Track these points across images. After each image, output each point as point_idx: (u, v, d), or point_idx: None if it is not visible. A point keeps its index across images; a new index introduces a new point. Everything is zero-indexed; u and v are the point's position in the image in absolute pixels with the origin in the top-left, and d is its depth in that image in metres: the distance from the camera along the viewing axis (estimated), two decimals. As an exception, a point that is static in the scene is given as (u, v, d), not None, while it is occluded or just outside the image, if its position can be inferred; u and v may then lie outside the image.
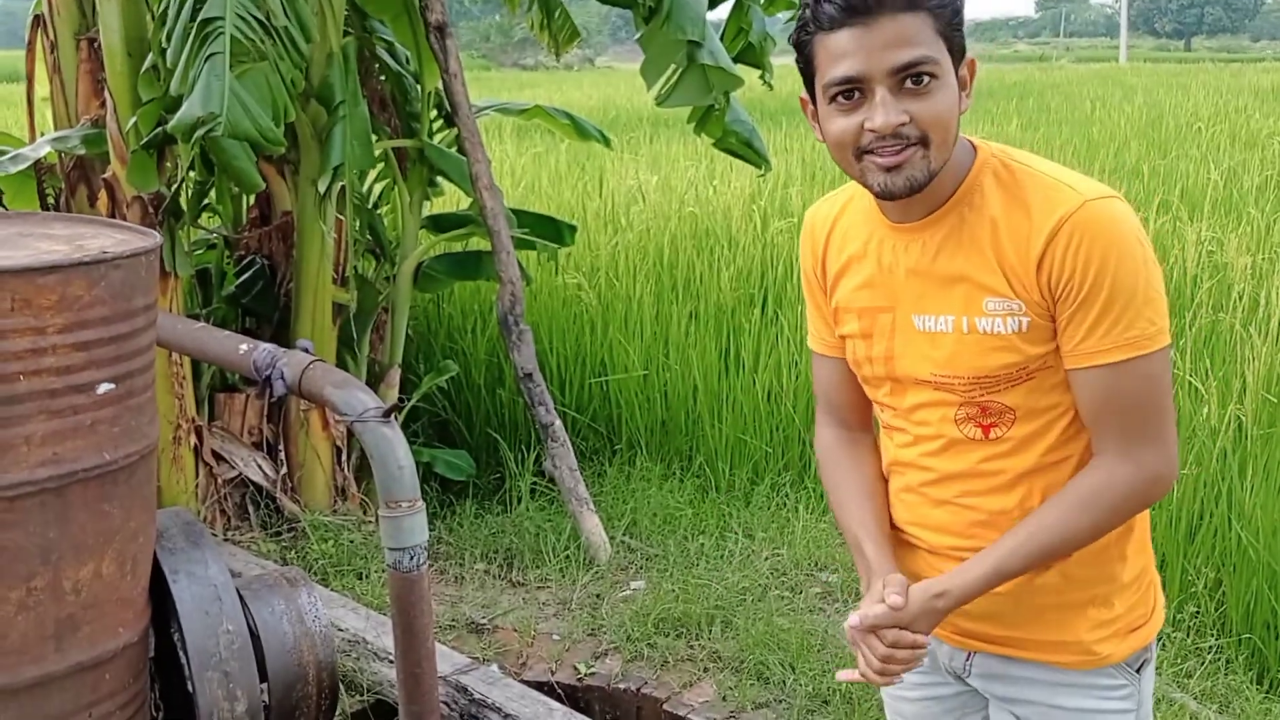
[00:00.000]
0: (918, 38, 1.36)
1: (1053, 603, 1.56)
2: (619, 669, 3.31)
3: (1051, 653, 1.57)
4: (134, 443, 2.06)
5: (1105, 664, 1.57)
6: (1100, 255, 1.40)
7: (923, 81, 1.38)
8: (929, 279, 1.51)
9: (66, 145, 3.81)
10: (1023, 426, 1.51)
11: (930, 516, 1.61)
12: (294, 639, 2.38)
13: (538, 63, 44.25)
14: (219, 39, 2.93)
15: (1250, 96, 16.41)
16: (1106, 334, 1.42)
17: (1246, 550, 3.38)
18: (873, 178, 1.43)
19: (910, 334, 1.54)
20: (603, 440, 4.87)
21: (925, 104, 1.38)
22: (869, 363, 1.61)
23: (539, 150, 9.81)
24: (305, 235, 4.06)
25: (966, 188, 1.48)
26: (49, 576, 1.96)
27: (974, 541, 1.57)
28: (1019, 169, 1.49)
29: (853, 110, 1.41)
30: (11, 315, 1.84)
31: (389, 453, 2.38)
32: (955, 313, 1.49)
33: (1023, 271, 1.44)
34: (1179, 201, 6.86)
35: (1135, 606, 1.59)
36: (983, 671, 1.64)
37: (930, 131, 1.39)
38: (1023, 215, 1.44)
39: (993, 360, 1.47)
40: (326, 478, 4.23)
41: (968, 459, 1.55)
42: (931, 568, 1.63)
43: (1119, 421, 1.45)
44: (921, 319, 1.52)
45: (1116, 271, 1.40)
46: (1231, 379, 4.09)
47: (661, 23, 3.94)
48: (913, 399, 1.57)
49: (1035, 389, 1.49)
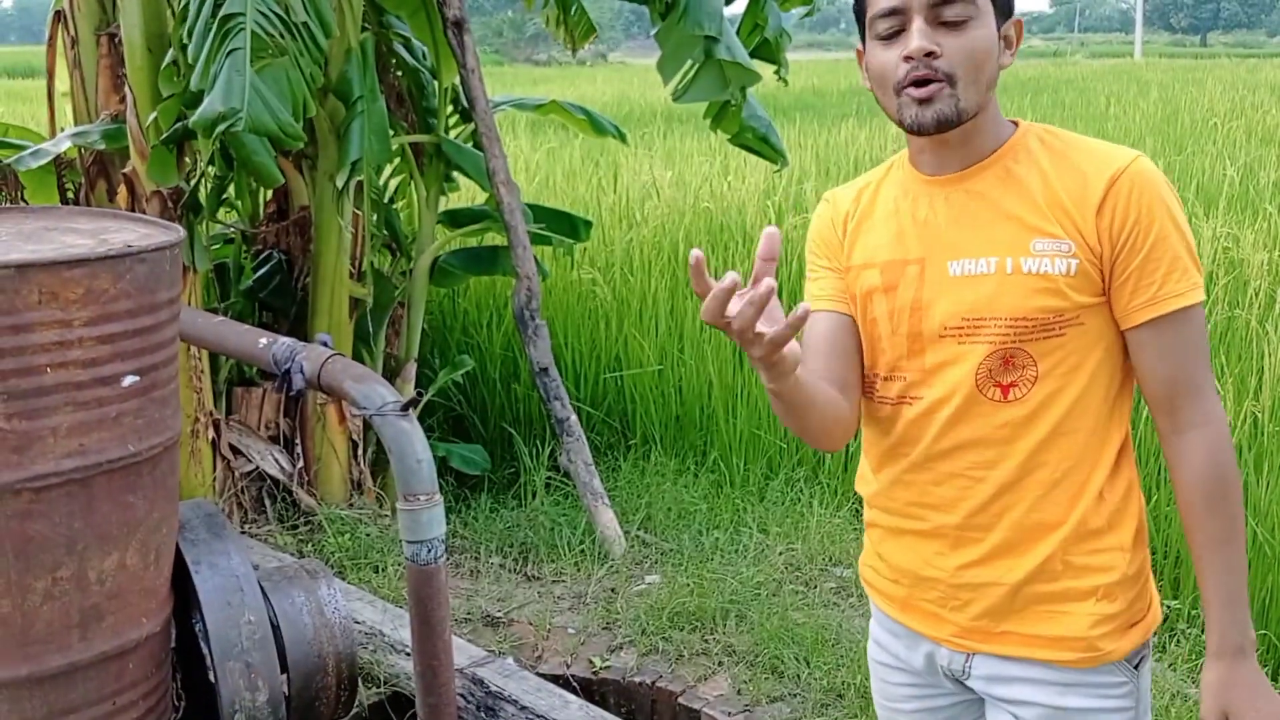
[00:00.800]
0: None
1: (1057, 591, 1.55)
2: (634, 662, 3.33)
3: (1053, 649, 1.56)
4: (158, 434, 2.08)
5: (1107, 660, 1.56)
6: (1160, 205, 1.47)
7: (958, 19, 1.46)
8: (969, 225, 1.54)
9: (87, 140, 3.84)
10: (1042, 387, 1.52)
11: (934, 494, 1.60)
12: (314, 630, 2.40)
13: (550, 58, 44.25)
14: (240, 35, 2.95)
15: (1267, 92, 16.32)
16: (1176, 280, 1.47)
17: (1262, 546, 3.38)
18: (907, 111, 1.50)
19: (943, 281, 1.55)
20: (617, 435, 4.89)
21: (957, 40, 1.46)
22: (889, 318, 1.59)
23: (553, 145, 9.83)
24: (322, 230, 4.08)
25: (1010, 145, 1.55)
26: (74, 567, 1.98)
27: (978, 517, 1.56)
28: (1064, 134, 1.57)
29: (893, 44, 1.49)
30: (39, 308, 1.87)
31: (407, 446, 2.40)
32: (1000, 254, 1.51)
33: (1079, 216, 1.49)
34: (1194, 198, 6.84)
35: (1135, 601, 1.59)
36: (983, 673, 1.62)
37: (958, 68, 1.46)
38: (1075, 168, 1.51)
39: (1034, 302, 1.49)
40: (343, 471, 4.25)
41: (985, 423, 1.54)
42: (927, 562, 1.61)
43: (1188, 378, 1.50)
44: (959, 264, 1.54)
45: (1176, 222, 1.48)
46: (1248, 375, 4.09)
47: (679, 18, 3.95)
48: (933, 357, 1.56)
49: (1062, 346, 1.51)
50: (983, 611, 1.59)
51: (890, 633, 1.73)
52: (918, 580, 1.64)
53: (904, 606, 1.68)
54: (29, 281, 1.86)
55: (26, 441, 1.90)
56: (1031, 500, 1.55)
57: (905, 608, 1.68)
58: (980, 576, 1.58)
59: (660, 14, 4.05)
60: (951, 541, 1.60)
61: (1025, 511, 1.55)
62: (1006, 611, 1.58)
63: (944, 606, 1.62)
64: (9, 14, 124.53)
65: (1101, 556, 1.56)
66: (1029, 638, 1.58)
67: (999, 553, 1.57)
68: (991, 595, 1.58)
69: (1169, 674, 3.17)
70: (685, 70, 4.13)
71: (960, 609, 1.61)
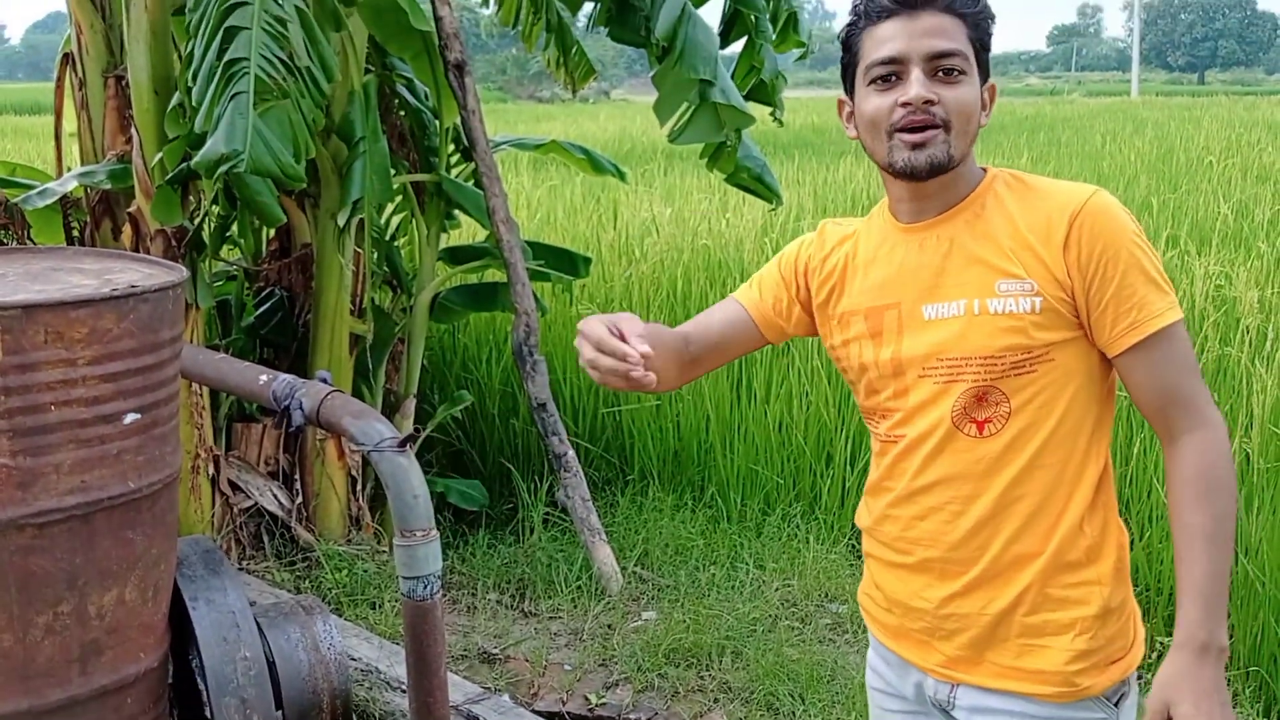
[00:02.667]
0: (954, 34, 1.55)
1: (1036, 624, 1.59)
2: (630, 699, 3.34)
3: (1031, 682, 1.60)
4: (157, 471, 2.12)
5: (1085, 695, 1.59)
6: (1123, 233, 1.53)
7: (953, 73, 1.55)
8: (942, 270, 1.61)
9: (93, 180, 3.90)
10: (1016, 422, 1.57)
11: (918, 527, 1.66)
12: (309, 666, 2.42)
13: (553, 95, 44.59)
14: (244, 79, 3.01)
15: (1264, 130, 16.42)
16: (1153, 302, 1.52)
17: (1254, 584, 3.39)
18: (898, 154, 1.57)
19: (918, 324, 1.62)
20: (615, 470, 4.91)
21: (953, 92, 1.55)
22: (875, 365, 1.66)
23: (555, 183, 9.91)
24: (324, 267, 4.13)
25: (979, 191, 1.62)
26: (75, 602, 2.01)
27: (960, 550, 1.61)
28: (1028, 178, 1.64)
29: (888, 90, 1.56)
30: (44, 348, 1.91)
31: (404, 482, 2.43)
32: (968, 296, 1.58)
33: (1047, 255, 1.54)
34: (1187, 235, 6.90)
35: (1116, 638, 1.61)
36: (966, 704, 1.66)
37: (953, 117, 1.55)
38: (1039, 209, 1.57)
39: (1001, 340, 1.55)
40: (341, 507, 4.28)
41: (962, 458, 1.60)
42: (916, 593, 1.67)
43: (1179, 392, 1.54)
44: (932, 307, 1.61)
45: (1141, 247, 1.54)
46: (1239, 413, 4.12)
47: (674, 62, 4.02)
48: (915, 397, 1.63)
49: (1034, 383, 1.56)
50: (967, 642, 1.63)
51: (884, 660, 1.78)
52: (908, 610, 1.70)
53: (896, 635, 1.73)
54: (35, 321, 1.90)
55: (30, 478, 1.94)
56: (1010, 532, 1.59)
57: (897, 636, 1.73)
58: (964, 607, 1.63)
59: (657, 57, 4.12)
60: (937, 574, 1.65)
61: (1004, 544, 1.60)
62: (988, 642, 1.62)
63: (932, 636, 1.67)
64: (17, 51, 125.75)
65: (1080, 590, 1.59)
66: (1008, 669, 1.61)
67: (980, 584, 1.62)
68: (975, 626, 1.62)
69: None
70: (681, 112, 4.20)
71: (946, 639, 1.65)
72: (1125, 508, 3.94)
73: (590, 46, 5.11)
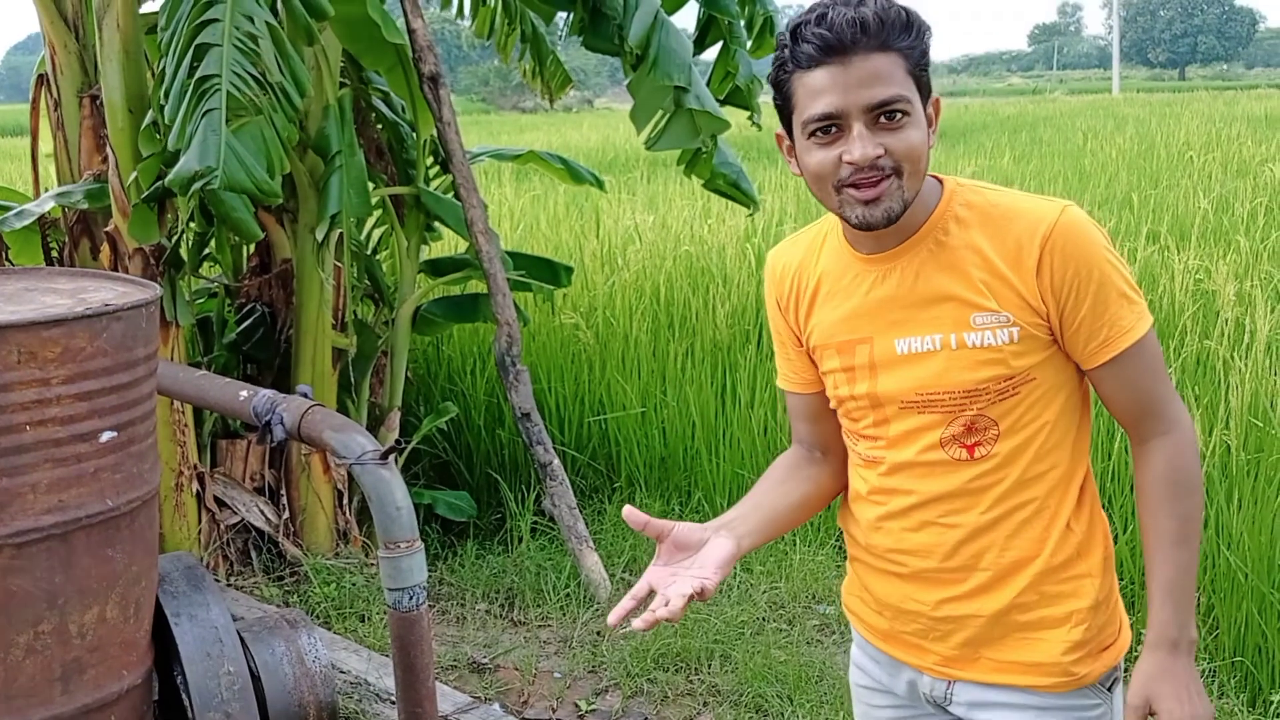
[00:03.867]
0: (891, 77, 1.44)
1: (1032, 620, 1.61)
2: (620, 705, 3.35)
3: (1031, 675, 1.61)
4: (135, 489, 2.12)
5: (1082, 684, 1.61)
6: (1094, 251, 1.51)
7: (895, 117, 1.45)
8: (910, 303, 1.57)
9: (70, 200, 3.89)
10: (1006, 442, 1.57)
11: (911, 540, 1.64)
12: (294, 680, 2.43)
13: (536, 105, 44.62)
14: (215, 95, 3.01)
15: (1243, 124, 16.53)
16: (1124, 317, 1.52)
17: (1236, 575, 3.41)
18: (850, 210, 1.50)
19: (892, 359, 1.59)
20: (602, 478, 4.92)
21: (898, 138, 1.45)
22: (852, 399, 1.65)
23: (537, 192, 9.93)
24: (304, 282, 4.14)
25: (938, 216, 1.56)
26: (55, 621, 2.01)
27: (955, 560, 1.61)
28: (990, 194, 1.58)
29: (830, 144, 1.48)
30: (17, 368, 1.91)
31: (387, 494, 2.44)
32: (944, 330, 1.54)
33: (1019, 283, 1.51)
34: (1168, 231, 6.94)
35: (1105, 626, 1.63)
36: (965, 699, 1.67)
37: (904, 163, 1.47)
38: (1007, 234, 1.53)
39: (983, 373, 1.54)
40: (328, 521, 4.28)
41: (953, 480, 1.59)
42: (909, 597, 1.66)
43: (1150, 398, 1.56)
44: (904, 341, 1.57)
45: (1111, 262, 1.53)
46: (1218, 404, 4.14)
47: (648, 69, 4.04)
48: (898, 427, 1.61)
49: (1019, 404, 1.56)
50: (964, 641, 1.64)
51: (872, 659, 1.77)
52: (900, 614, 1.69)
53: (886, 637, 1.73)
54: (8, 342, 1.91)
55: (6, 499, 1.94)
56: (1004, 541, 1.60)
57: (888, 638, 1.73)
58: (960, 610, 1.63)
59: (632, 65, 4.14)
60: (932, 582, 1.65)
61: (999, 552, 1.60)
62: (986, 640, 1.63)
63: (925, 638, 1.67)
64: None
65: (1073, 584, 1.61)
66: (1007, 664, 1.63)
67: (978, 591, 1.62)
68: (971, 626, 1.63)
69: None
70: (657, 119, 4.22)
71: (941, 639, 1.66)
72: (1108, 503, 3.96)
73: (572, 56, 5.15)
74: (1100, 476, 3.98)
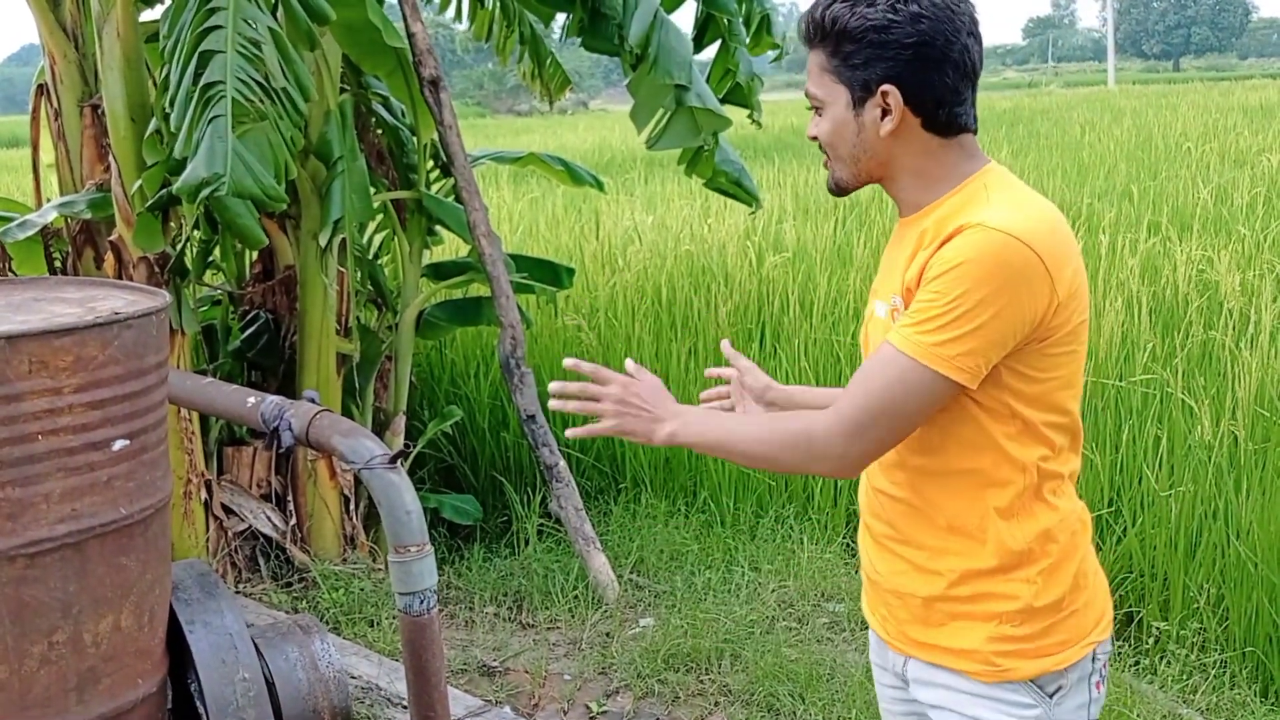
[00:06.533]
0: (811, 74, 1.65)
1: (961, 612, 1.64)
2: (630, 706, 3.34)
3: (958, 660, 1.65)
4: (148, 497, 2.12)
5: (1007, 678, 1.61)
6: (962, 270, 1.48)
7: (815, 109, 1.66)
8: (886, 270, 1.70)
9: (73, 210, 3.89)
10: (927, 430, 1.59)
11: (872, 503, 1.74)
12: (308, 685, 2.42)
13: (532, 108, 44.65)
14: (221, 102, 3.01)
15: (1239, 115, 16.53)
16: (911, 323, 1.52)
17: (1246, 565, 3.41)
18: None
19: (869, 317, 1.73)
20: (607, 479, 4.92)
21: (819, 127, 1.66)
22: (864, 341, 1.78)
23: (536, 195, 9.93)
24: (308, 288, 4.13)
25: (942, 200, 1.61)
26: (70, 630, 2.01)
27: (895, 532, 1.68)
28: (988, 194, 1.58)
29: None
30: (29, 377, 1.91)
31: (396, 498, 2.44)
32: (886, 301, 1.65)
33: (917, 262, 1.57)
34: (1169, 222, 6.94)
35: (1048, 633, 1.62)
36: (915, 676, 1.72)
37: (826, 148, 1.66)
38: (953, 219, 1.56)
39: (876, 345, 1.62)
40: (335, 527, 4.28)
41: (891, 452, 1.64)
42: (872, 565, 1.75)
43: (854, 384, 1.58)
44: (875, 303, 1.71)
45: (965, 291, 1.48)
46: (1224, 395, 4.14)
47: (649, 68, 4.04)
48: None
49: None
50: (908, 617, 1.70)
51: (874, 634, 1.84)
52: (869, 582, 1.78)
53: (869, 608, 1.81)
54: (19, 352, 1.90)
55: (20, 508, 1.94)
56: (935, 530, 1.64)
57: (869, 609, 1.81)
58: (903, 585, 1.69)
59: (631, 65, 4.14)
60: (880, 547, 1.72)
61: (932, 536, 1.65)
62: (923, 621, 1.68)
63: (886, 609, 1.74)
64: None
65: (1005, 586, 1.61)
66: (940, 648, 1.67)
67: (913, 568, 1.67)
68: (911, 605, 1.69)
69: (1160, 695, 3.20)
70: (658, 119, 4.22)
71: (891, 614, 1.72)
72: (1116, 495, 3.96)
73: (566, 58, 5.13)
74: (1108, 469, 3.98)
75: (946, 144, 1.61)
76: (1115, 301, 5.01)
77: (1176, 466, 3.85)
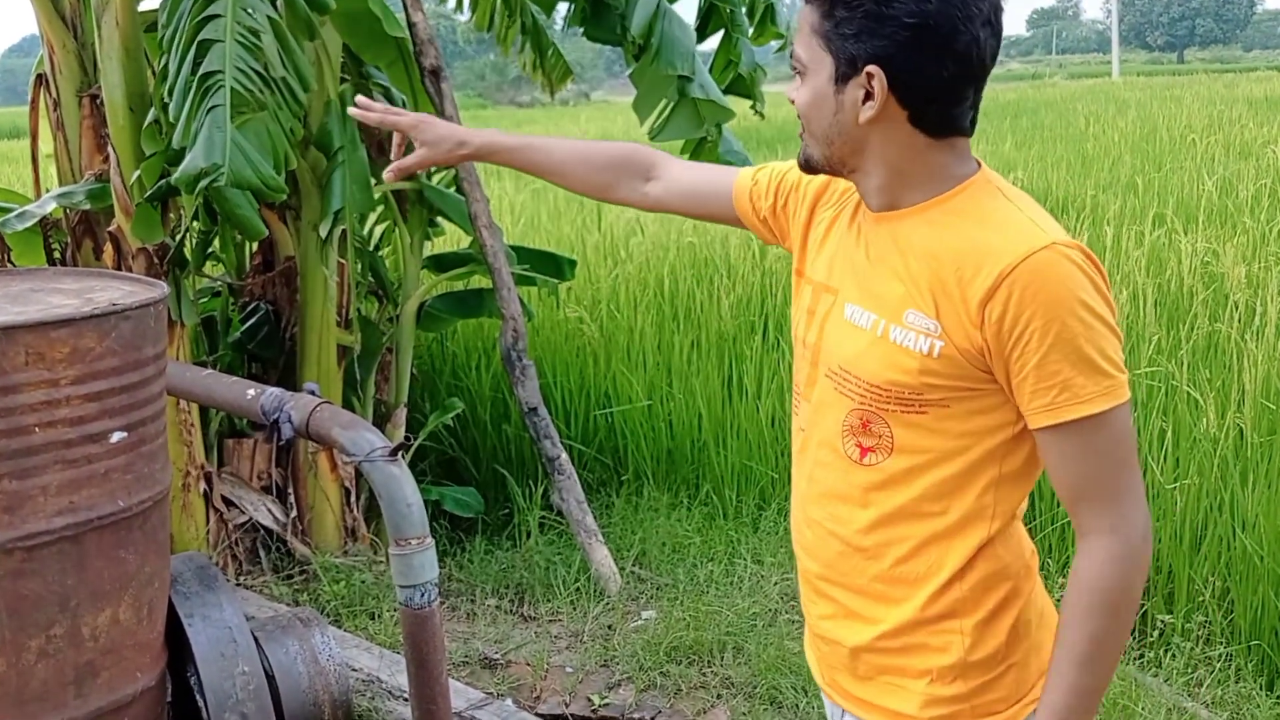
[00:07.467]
0: (801, 29, 1.44)
1: (891, 665, 1.51)
2: (633, 699, 3.33)
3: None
4: (147, 489, 2.10)
5: None
6: (1061, 305, 1.33)
7: (794, 75, 1.46)
8: (871, 274, 1.48)
9: (71, 200, 3.87)
10: (898, 461, 1.46)
11: (804, 535, 1.59)
12: (309, 678, 2.41)
13: (533, 99, 44.54)
14: (220, 92, 2.99)
15: (1244, 106, 16.47)
16: (1081, 386, 1.34)
17: (1252, 558, 3.40)
18: None
19: (839, 322, 1.51)
20: (609, 471, 4.90)
21: (798, 94, 1.46)
22: (803, 345, 1.58)
23: (537, 187, 9.90)
24: (308, 279, 4.11)
25: (937, 201, 1.44)
26: (68, 624, 2.00)
27: (831, 573, 1.54)
28: (998, 202, 1.43)
29: None
30: (26, 369, 1.89)
31: (397, 491, 2.42)
32: (880, 314, 1.45)
33: (962, 303, 1.38)
34: (1173, 214, 6.91)
35: (987, 690, 1.49)
36: None
37: (803, 119, 1.47)
38: (977, 248, 1.38)
39: (889, 374, 1.43)
40: (336, 519, 4.26)
41: (842, 478, 1.51)
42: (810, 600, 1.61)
43: (1093, 485, 1.38)
44: (851, 308, 1.49)
45: (1084, 320, 1.34)
46: (1230, 388, 4.12)
47: (651, 59, 4.01)
48: (818, 395, 1.54)
49: (922, 425, 1.44)
50: (839, 665, 1.57)
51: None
52: (807, 619, 1.65)
53: (806, 645, 1.69)
54: (15, 343, 1.89)
55: (17, 501, 1.92)
56: (876, 571, 1.50)
57: (806, 646, 1.69)
58: (832, 631, 1.56)
59: (634, 55, 4.11)
60: (814, 589, 1.59)
61: (870, 579, 1.51)
62: (851, 671, 1.55)
63: (816, 650, 1.63)
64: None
65: (937, 638, 1.48)
66: (870, 705, 1.54)
67: (845, 613, 1.54)
68: (839, 654, 1.56)
69: (1164, 688, 3.19)
70: (660, 109, 4.20)
71: (824, 659, 1.60)
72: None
73: (568, 49, 5.10)
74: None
75: (934, 144, 1.41)
76: (1120, 294, 4.99)
77: (1182, 459, 3.83)
